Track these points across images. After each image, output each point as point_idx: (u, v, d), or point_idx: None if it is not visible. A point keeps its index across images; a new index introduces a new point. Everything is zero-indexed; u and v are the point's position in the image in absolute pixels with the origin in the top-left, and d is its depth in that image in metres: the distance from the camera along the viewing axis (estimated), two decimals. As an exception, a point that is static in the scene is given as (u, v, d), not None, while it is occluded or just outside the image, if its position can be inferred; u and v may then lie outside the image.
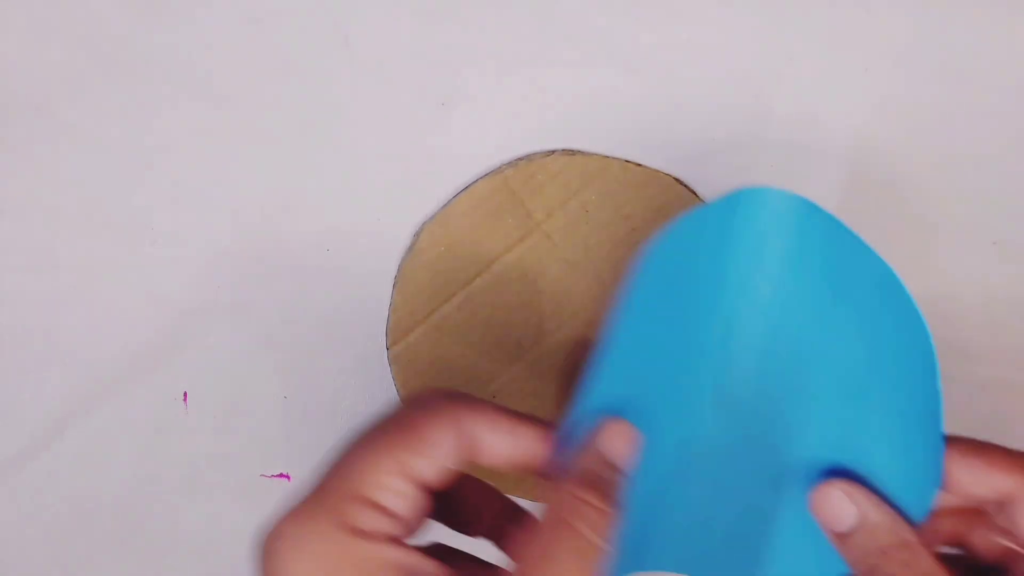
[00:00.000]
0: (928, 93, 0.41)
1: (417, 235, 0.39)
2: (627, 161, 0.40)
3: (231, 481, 0.40)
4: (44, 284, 0.38)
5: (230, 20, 0.37)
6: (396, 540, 0.24)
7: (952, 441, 0.28)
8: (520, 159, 0.39)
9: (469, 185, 0.39)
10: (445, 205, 0.39)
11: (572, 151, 0.40)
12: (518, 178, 0.40)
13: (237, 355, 0.39)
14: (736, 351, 0.28)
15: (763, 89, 0.40)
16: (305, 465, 0.41)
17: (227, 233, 0.39)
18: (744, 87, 0.40)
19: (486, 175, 0.39)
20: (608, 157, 0.40)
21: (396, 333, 0.40)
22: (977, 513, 0.30)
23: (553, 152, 0.39)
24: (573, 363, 0.41)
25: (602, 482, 0.26)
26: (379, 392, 0.40)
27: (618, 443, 0.27)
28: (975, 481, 0.28)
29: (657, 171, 0.40)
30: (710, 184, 0.40)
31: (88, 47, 0.37)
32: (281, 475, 0.41)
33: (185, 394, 0.39)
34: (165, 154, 0.38)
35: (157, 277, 0.38)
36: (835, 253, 0.28)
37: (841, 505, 0.27)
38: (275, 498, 0.41)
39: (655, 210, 0.40)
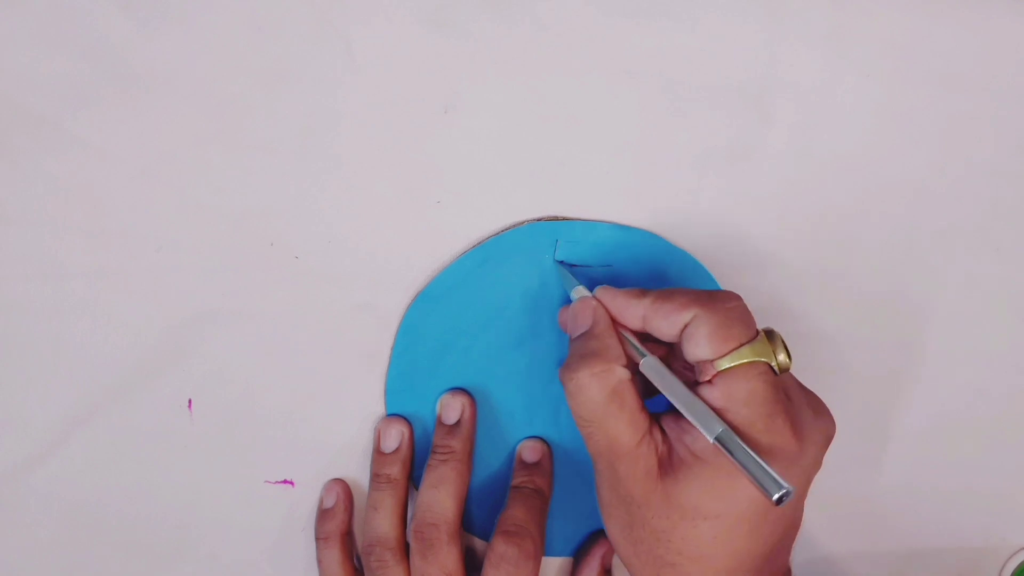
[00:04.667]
0: (928, 96, 0.41)
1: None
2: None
3: (236, 488, 0.40)
4: (50, 292, 0.38)
5: (232, 29, 0.38)
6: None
7: (647, 293, 0.34)
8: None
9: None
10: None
11: (556, 217, 0.40)
12: None
13: (241, 362, 0.40)
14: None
15: (763, 95, 0.40)
16: (309, 472, 0.41)
17: (230, 240, 0.39)
18: (744, 93, 0.40)
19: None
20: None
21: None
22: None
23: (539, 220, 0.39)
24: None
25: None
26: (383, 398, 0.40)
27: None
28: (666, 324, 0.33)
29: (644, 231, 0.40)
30: (712, 190, 0.40)
31: (91, 57, 0.37)
32: (285, 481, 0.41)
33: (190, 401, 0.40)
34: (169, 162, 0.38)
35: (162, 284, 0.39)
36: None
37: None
38: (279, 505, 0.41)
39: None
